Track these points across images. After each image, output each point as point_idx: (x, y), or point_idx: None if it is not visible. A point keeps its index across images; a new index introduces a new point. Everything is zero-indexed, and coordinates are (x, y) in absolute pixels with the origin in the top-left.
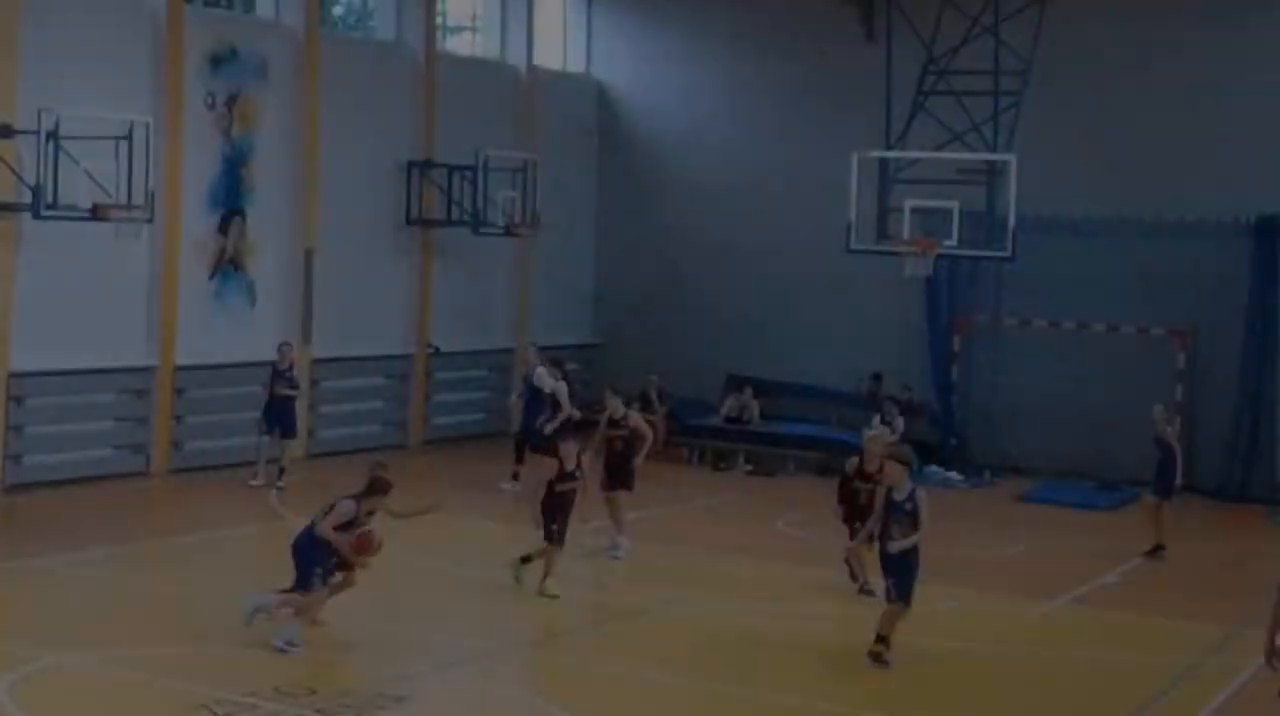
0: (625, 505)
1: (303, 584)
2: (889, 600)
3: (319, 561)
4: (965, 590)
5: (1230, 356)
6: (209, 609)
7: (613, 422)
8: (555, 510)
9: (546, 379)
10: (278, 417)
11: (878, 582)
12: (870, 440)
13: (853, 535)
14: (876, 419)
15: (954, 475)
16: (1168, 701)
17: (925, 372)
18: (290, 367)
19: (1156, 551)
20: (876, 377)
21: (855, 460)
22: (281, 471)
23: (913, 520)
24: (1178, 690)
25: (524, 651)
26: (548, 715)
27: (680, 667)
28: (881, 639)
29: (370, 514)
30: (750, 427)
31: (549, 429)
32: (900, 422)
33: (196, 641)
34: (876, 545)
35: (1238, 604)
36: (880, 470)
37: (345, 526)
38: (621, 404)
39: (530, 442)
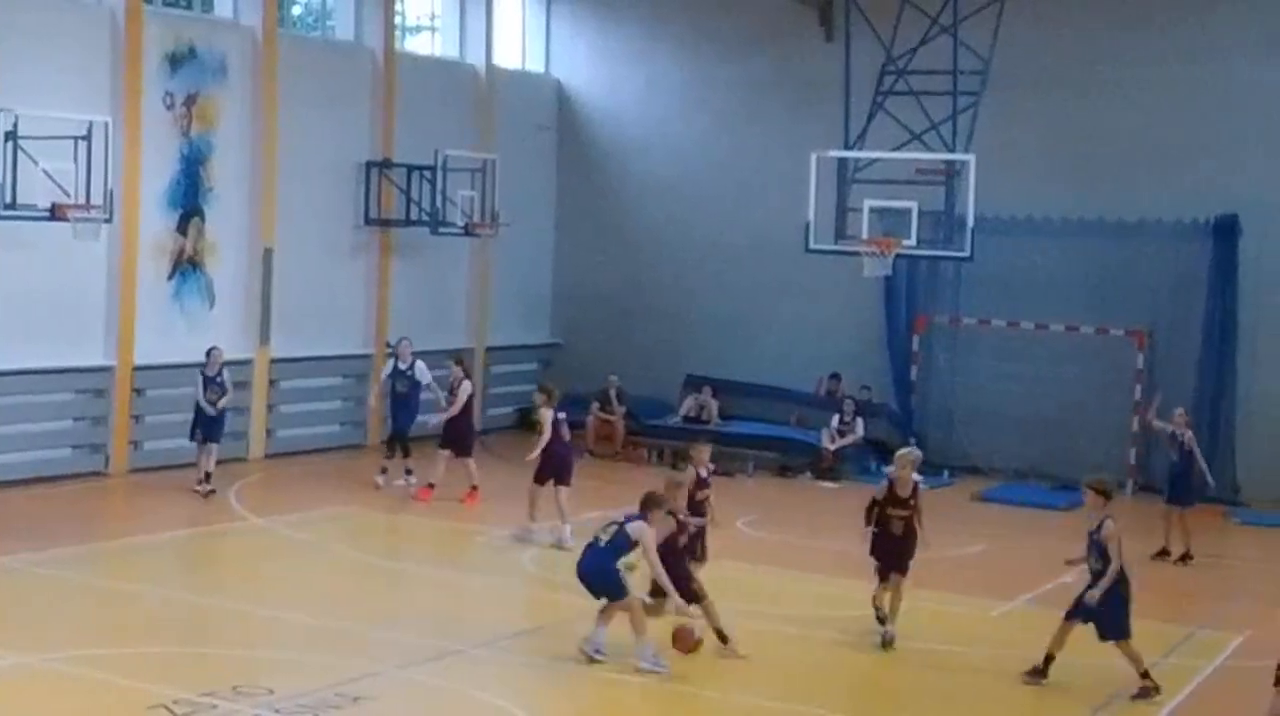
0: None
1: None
2: (1102, 639)
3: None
4: (925, 590)
5: (1189, 357)
6: (168, 608)
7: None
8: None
9: (427, 372)
10: (207, 424)
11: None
12: (901, 458)
13: (882, 574)
14: (836, 419)
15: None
16: (1126, 701)
17: (884, 372)
18: (219, 373)
19: (1184, 559)
20: (835, 377)
21: (885, 484)
22: (208, 476)
23: (1101, 553)
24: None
25: (482, 651)
26: (506, 714)
27: (636, 667)
28: (1145, 674)
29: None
30: (709, 427)
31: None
32: (860, 424)
33: (155, 641)
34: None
35: (1197, 604)
36: (914, 493)
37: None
38: (544, 399)
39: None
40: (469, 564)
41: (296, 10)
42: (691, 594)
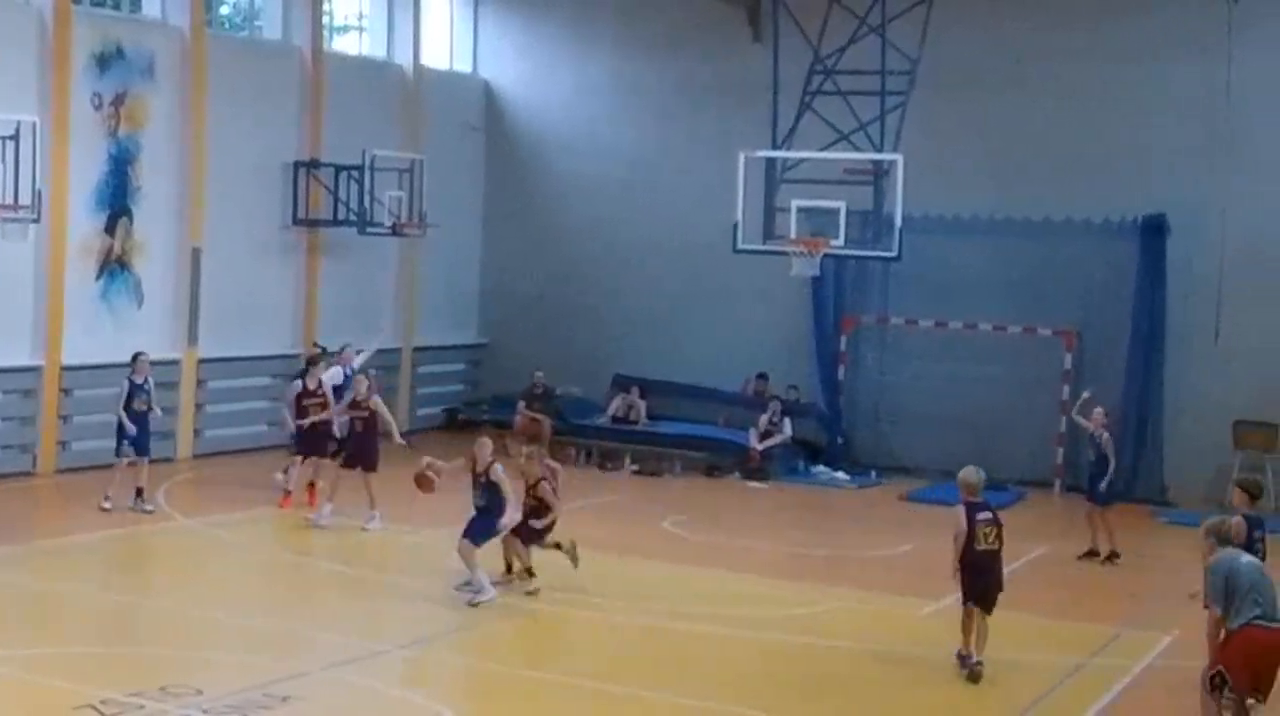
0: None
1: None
2: None
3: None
4: (853, 590)
5: (1117, 356)
6: (96, 609)
7: (354, 404)
8: None
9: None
10: (137, 436)
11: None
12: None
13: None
14: (763, 419)
15: (841, 475)
16: (1054, 701)
17: (812, 372)
18: (147, 380)
19: (1111, 558)
20: (763, 377)
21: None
22: (140, 492)
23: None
24: (1064, 690)
25: (409, 650)
26: (434, 714)
27: (567, 667)
28: None
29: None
30: (637, 427)
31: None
32: (788, 424)
33: (83, 641)
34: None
35: (1125, 604)
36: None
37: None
38: (366, 387)
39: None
40: (395, 564)
41: (224, 10)
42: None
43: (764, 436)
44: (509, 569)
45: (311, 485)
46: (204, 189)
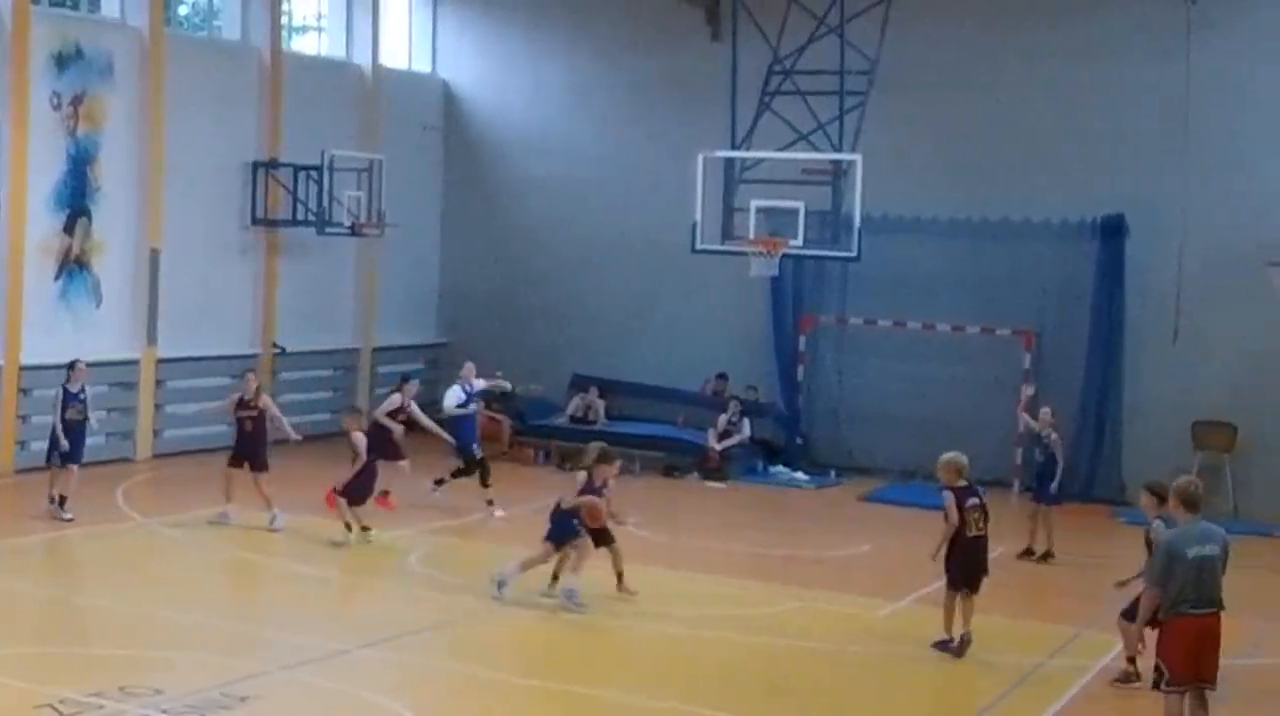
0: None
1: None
2: None
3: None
4: (812, 590)
5: (1075, 357)
6: (55, 609)
7: (243, 403)
8: None
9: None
10: (71, 445)
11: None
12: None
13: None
14: (722, 419)
15: (799, 475)
16: (1012, 701)
17: (771, 372)
18: (82, 389)
19: (1046, 557)
20: (722, 377)
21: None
22: (63, 500)
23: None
24: (1022, 690)
25: (369, 651)
26: (394, 715)
27: (526, 668)
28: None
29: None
30: (595, 427)
31: None
32: (746, 424)
33: (41, 641)
34: None
35: (1083, 604)
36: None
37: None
38: (254, 386)
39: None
40: (356, 564)
41: (183, 10)
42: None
43: (723, 436)
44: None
45: (385, 493)
46: (163, 189)
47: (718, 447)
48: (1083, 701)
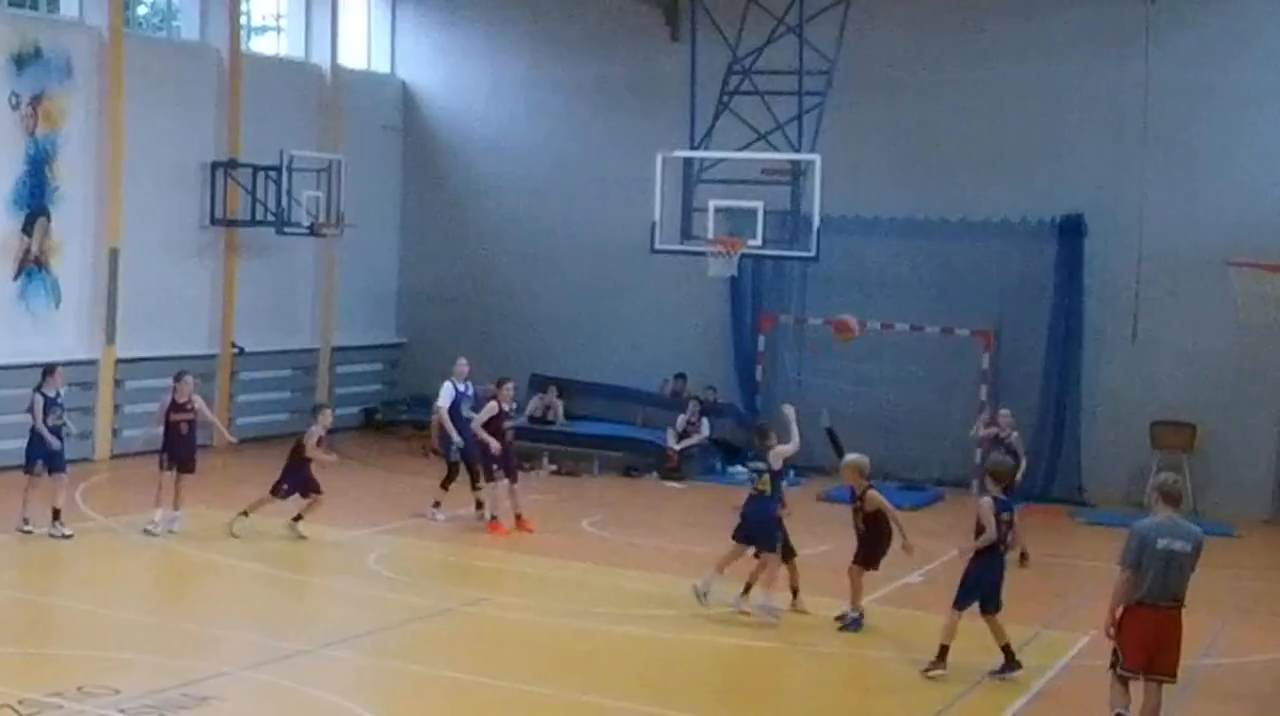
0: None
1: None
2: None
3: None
4: (770, 590)
5: (1034, 357)
6: (13, 609)
7: (178, 406)
8: None
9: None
10: (55, 452)
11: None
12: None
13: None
14: (681, 419)
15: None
16: (971, 701)
17: (729, 372)
18: (59, 394)
19: (1024, 559)
20: (680, 377)
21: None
22: (58, 513)
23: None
24: (981, 689)
25: (329, 651)
26: (353, 715)
27: (485, 668)
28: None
29: None
30: (555, 428)
31: None
32: (705, 424)
33: (0, 641)
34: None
35: (1041, 604)
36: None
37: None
38: (189, 388)
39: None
40: (315, 564)
41: (142, 10)
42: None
43: (682, 436)
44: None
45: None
46: (121, 189)
47: (676, 447)
48: (1041, 701)
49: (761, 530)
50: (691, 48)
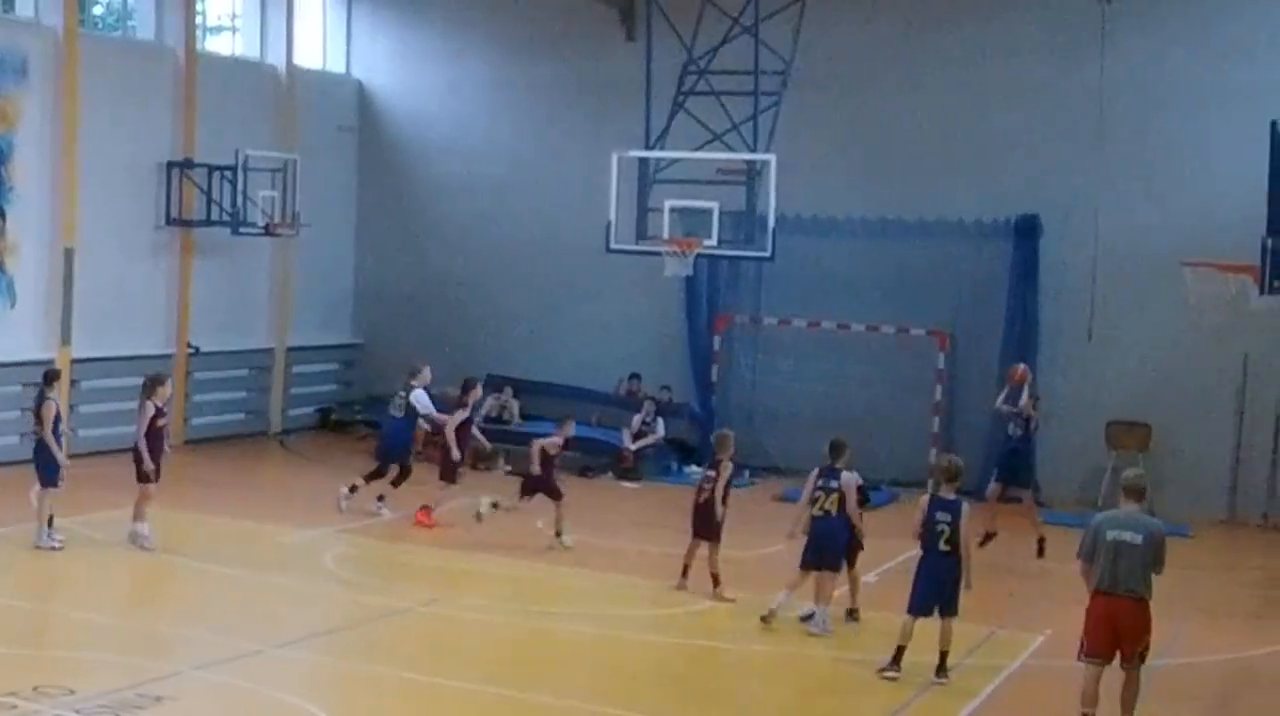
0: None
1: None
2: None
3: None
4: (726, 589)
5: (990, 357)
6: None
7: (161, 412)
8: None
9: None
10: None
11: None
12: None
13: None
14: (636, 419)
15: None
16: (926, 701)
17: (685, 373)
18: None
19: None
20: (636, 377)
21: None
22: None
23: None
24: (937, 690)
25: (284, 651)
26: (307, 715)
27: (441, 668)
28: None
29: None
30: (510, 427)
31: None
32: (661, 424)
33: None
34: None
35: (996, 604)
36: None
37: None
38: (169, 391)
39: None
40: (269, 564)
41: (98, 10)
42: None
43: (637, 436)
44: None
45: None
46: (77, 189)
47: (632, 447)
48: (996, 701)
49: (830, 551)
50: (647, 48)
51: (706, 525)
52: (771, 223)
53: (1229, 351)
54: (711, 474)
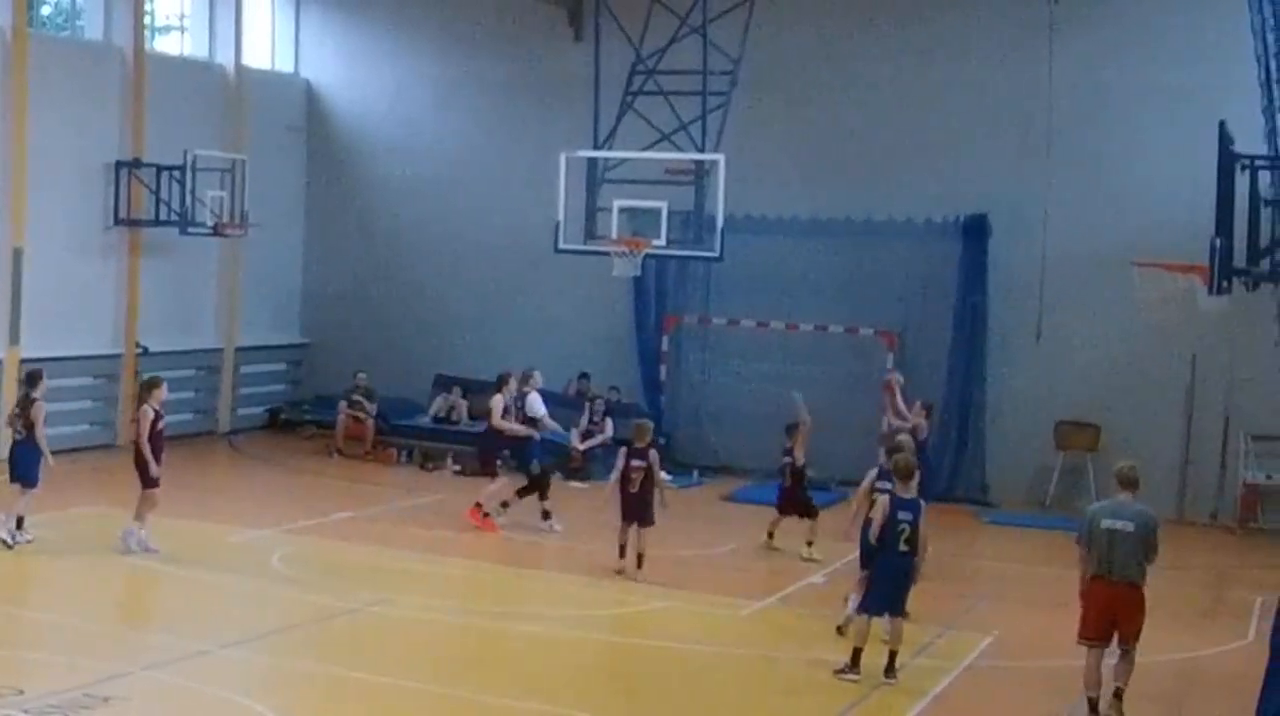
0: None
1: None
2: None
3: None
4: (675, 590)
5: (938, 356)
6: None
7: (159, 414)
8: None
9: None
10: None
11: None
12: None
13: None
14: (585, 419)
15: (663, 475)
16: (873, 702)
17: (633, 372)
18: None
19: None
20: (584, 377)
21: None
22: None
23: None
24: (884, 691)
25: (231, 651)
26: (256, 715)
27: (388, 667)
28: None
29: None
30: (459, 427)
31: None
32: (609, 424)
33: None
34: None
35: (945, 604)
36: None
37: None
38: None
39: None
40: (218, 564)
41: (46, 10)
42: None
43: (586, 436)
44: None
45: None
46: (25, 189)
47: (581, 447)
48: (945, 700)
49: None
50: (595, 48)
51: (646, 511)
52: (720, 223)
53: (1177, 351)
54: (639, 463)
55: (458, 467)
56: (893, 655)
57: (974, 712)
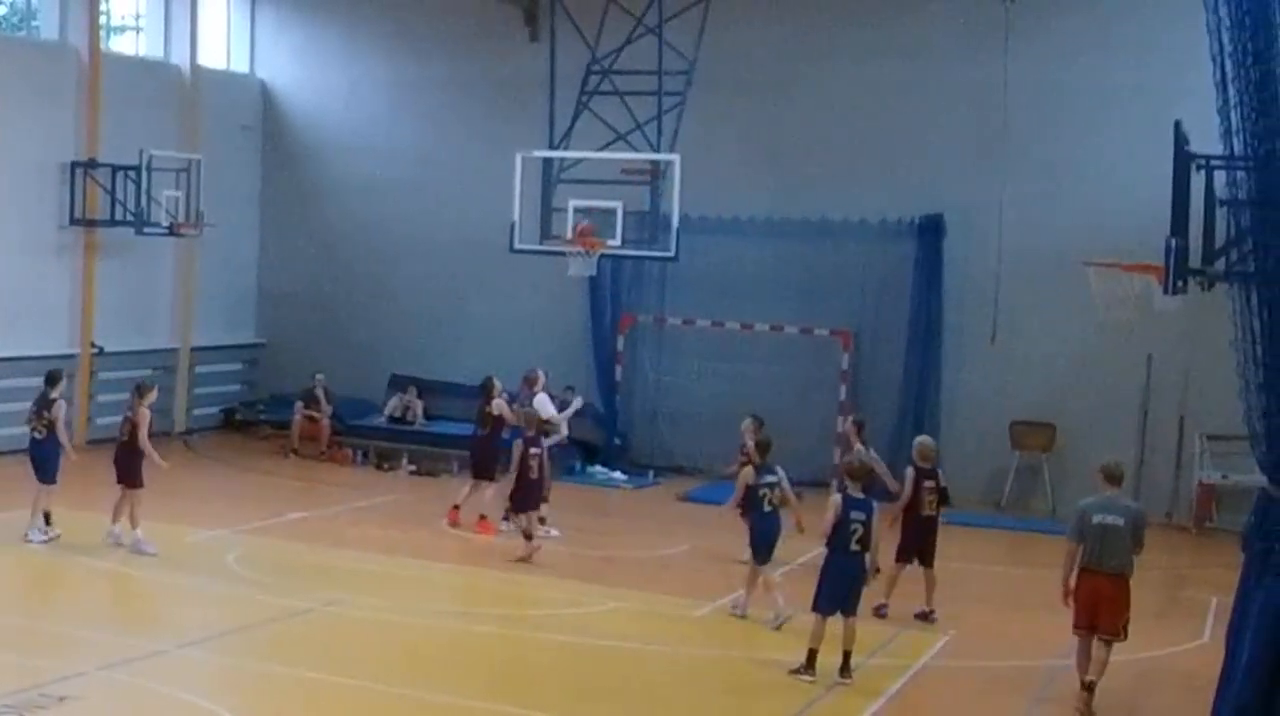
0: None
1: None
2: None
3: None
4: (629, 590)
5: (894, 357)
6: None
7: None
8: None
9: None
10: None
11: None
12: None
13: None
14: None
15: (618, 475)
16: (829, 702)
17: (589, 372)
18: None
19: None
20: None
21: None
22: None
23: None
24: (839, 690)
25: (187, 651)
26: (211, 715)
27: (343, 668)
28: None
29: None
30: (414, 428)
31: None
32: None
33: None
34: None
35: (901, 604)
36: None
37: None
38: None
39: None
40: (174, 563)
41: (1, 10)
42: None
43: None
44: None
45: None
46: None
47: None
48: (900, 700)
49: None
50: (550, 47)
51: (539, 493)
52: (675, 222)
53: (1133, 351)
54: (536, 452)
55: (413, 468)
56: (847, 655)
57: (929, 712)
